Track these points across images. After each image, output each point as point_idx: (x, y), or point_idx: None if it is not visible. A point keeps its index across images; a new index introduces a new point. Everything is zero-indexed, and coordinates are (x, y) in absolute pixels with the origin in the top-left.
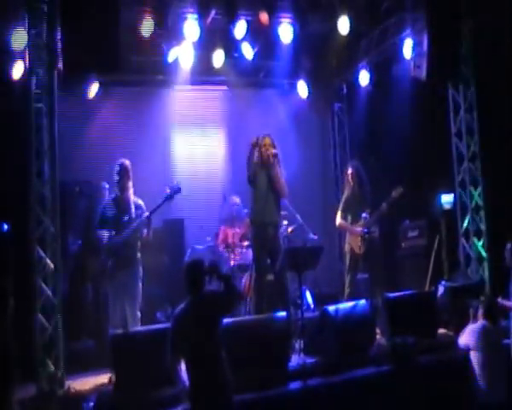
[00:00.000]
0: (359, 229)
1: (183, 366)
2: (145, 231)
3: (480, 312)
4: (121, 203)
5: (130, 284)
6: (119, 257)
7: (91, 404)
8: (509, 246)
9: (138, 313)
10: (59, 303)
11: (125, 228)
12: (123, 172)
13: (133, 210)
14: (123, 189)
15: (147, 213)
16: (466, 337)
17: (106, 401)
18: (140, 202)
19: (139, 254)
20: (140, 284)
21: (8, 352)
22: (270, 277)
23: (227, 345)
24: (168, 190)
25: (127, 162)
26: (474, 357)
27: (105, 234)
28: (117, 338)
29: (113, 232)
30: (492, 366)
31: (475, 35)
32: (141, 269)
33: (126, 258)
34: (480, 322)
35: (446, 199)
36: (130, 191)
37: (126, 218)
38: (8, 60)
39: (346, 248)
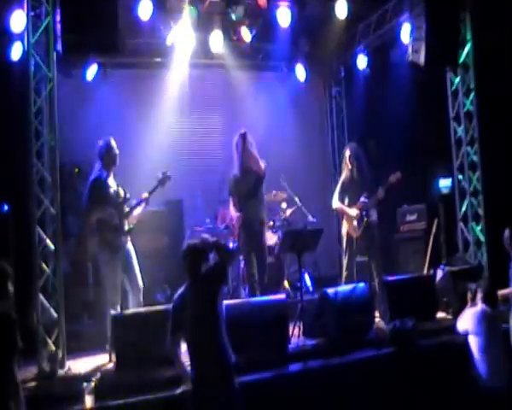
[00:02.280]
0: (356, 212)
1: (183, 348)
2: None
3: (479, 296)
4: (112, 182)
5: (132, 258)
6: (122, 234)
7: (92, 384)
8: (506, 233)
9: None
10: (59, 283)
11: (122, 205)
12: (113, 150)
13: (121, 188)
14: (111, 166)
15: (147, 194)
16: (465, 322)
17: (106, 381)
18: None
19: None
20: None
21: (11, 325)
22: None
23: (227, 328)
24: (160, 175)
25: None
26: (474, 342)
27: (112, 211)
28: (117, 318)
29: (113, 209)
30: (492, 351)
31: (474, 19)
32: None
33: (126, 234)
34: (479, 306)
35: (444, 183)
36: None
37: (121, 195)
38: (8, 41)
39: (343, 231)
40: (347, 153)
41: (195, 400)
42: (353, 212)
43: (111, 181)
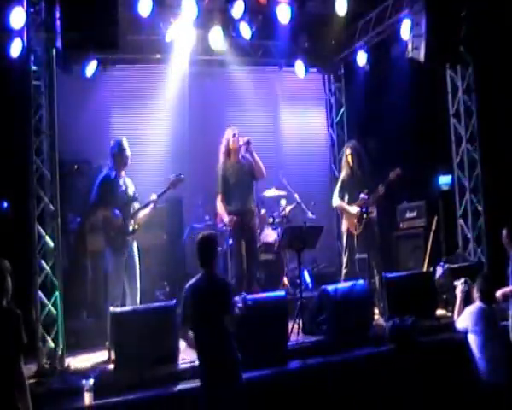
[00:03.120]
0: (356, 209)
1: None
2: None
3: (477, 294)
4: (122, 182)
5: (135, 259)
6: (126, 234)
7: (91, 381)
8: (504, 232)
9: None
10: (58, 281)
11: (128, 206)
12: (125, 151)
13: (131, 188)
14: (121, 167)
15: (155, 197)
16: (464, 320)
17: (105, 378)
18: (128, 179)
19: None
20: None
21: (17, 320)
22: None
23: None
24: (173, 177)
25: (125, 140)
26: (473, 339)
27: (117, 211)
28: (116, 316)
29: (119, 210)
30: (491, 348)
31: (474, 16)
32: None
33: (130, 235)
34: (477, 304)
35: (444, 180)
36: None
37: (130, 196)
38: (7, 38)
39: (343, 227)
40: (348, 150)
41: (203, 397)
42: (353, 209)
43: (120, 181)
